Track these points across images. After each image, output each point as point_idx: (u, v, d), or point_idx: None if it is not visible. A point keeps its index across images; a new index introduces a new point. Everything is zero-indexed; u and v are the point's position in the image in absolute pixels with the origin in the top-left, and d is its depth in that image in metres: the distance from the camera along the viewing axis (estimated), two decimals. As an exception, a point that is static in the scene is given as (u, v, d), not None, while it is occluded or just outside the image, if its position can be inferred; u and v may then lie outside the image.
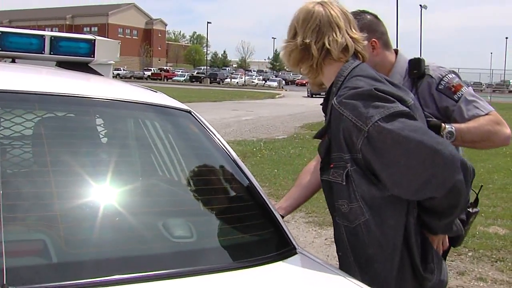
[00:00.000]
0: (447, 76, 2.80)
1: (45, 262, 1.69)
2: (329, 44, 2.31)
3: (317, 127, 3.68)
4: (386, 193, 2.15)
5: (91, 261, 1.72)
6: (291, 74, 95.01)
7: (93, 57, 3.16)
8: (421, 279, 2.25)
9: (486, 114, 2.74)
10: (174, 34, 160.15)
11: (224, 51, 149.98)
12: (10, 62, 3.13)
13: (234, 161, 2.31)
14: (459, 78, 2.87)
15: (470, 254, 6.36)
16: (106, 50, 3.29)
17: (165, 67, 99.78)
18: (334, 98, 2.23)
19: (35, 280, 1.56)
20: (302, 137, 17.53)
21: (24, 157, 2.18)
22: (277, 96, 50.74)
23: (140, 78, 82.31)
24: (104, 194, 2.00)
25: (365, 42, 2.43)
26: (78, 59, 3.13)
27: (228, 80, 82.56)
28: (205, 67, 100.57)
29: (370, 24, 2.83)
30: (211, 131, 2.41)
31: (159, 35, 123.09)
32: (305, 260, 2.06)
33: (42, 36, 3.03)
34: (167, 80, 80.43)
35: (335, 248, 2.39)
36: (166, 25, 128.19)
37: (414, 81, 2.84)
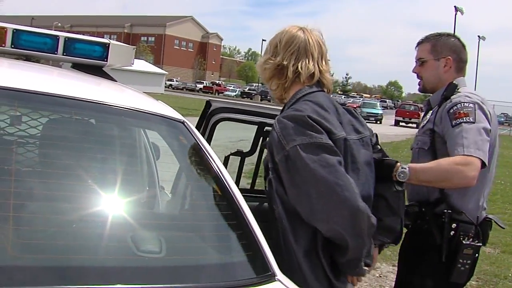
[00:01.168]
0: (462, 104, 2.91)
1: None
2: (301, 69, 2.58)
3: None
4: None
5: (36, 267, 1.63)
6: (343, 97, 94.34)
7: (106, 61, 3.11)
8: None
9: (464, 155, 2.76)
10: (229, 49, 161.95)
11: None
12: (24, 60, 3.12)
13: (221, 175, 2.21)
14: (479, 111, 2.90)
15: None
16: (120, 54, 3.25)
17: (217, 81, 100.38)
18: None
19: None
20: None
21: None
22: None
23: (192, 90, 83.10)
24: (73, 199, 1.92)
25: (328, 75, 2.67)
26: (90, 62, 3.09)
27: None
28: (257, 84, 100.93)
29: (452, 46, 3.20)
30: (201, 143, 2.32)
31: (214, 49, 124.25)
32: None
33: (56, 37, 3.00)
34: (218, 94, 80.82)
35: None
36: (221, 39, 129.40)
37: (442, 101, 3.06)
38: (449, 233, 2.88)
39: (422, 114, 3.76)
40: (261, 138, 3.77)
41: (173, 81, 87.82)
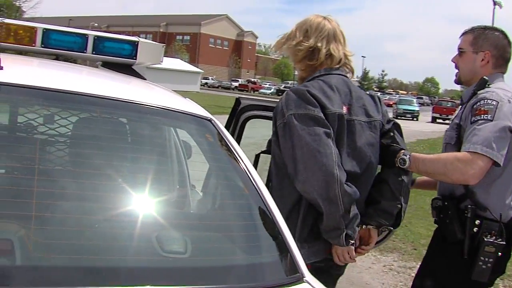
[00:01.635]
0: (486, 100, 2.86)
1: (7, 264, 1.60)
2: (333, 51, 2.92)
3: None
4: None
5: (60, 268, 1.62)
6: (379, 94, 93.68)
7: (135, 59, 3.10)
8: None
9: (467, 151, 2.74)
10: (264, 47, 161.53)
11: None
12: (54, 59, 3.13)
13: (248, 174, 2.17)
14: (503, 109, 2.82)
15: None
16: (149, 53, 3.24)
17: (252, 79, 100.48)
18: None
19: None
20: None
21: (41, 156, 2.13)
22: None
23: (227, 88, 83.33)
24: (99, 199, 1.90)
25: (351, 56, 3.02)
26: (119, 60, 3.08)
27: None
28: (293, 81, 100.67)
29: (495, 41, 3.11)
30: (229, 141, 2.28)
31: (249, 47, 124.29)
32: None
33: (86, 36, 3.01)
34: (253, 92, 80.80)
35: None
36: (257, 37, 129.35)
37: (471, 96, 3.02)
38: (472, 229, 2.83)
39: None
40: None
41: (209, 79, 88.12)
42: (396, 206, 2.82)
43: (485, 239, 2.78)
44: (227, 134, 2.34)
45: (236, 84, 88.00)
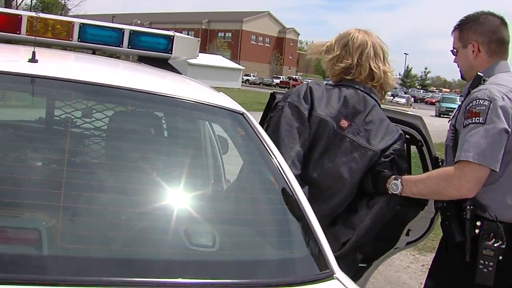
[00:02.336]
0: (477, 100, 2.66)
1: (35, 254, 1.61)
2: (375, 68, 2.92)
3: (438, 148, 3.59)
4: None
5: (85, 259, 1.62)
6: (421, 92, 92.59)
7: (171, 53, 3.11)
8: None
9: (457, 162, 2.60)
10: (306, 44, 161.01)
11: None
12: (91, 53, 3.17)
13: (280, 169, 2.14)
14: (495, 110, 2.60)
15: None
16: (185, 47, 3.24)
17: (294, 76, 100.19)
18: None
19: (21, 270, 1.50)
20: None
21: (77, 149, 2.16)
22: (404, 113, 49.41)
23: (269, 85, 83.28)
24: (130, 192, 1.91)
25: (391, 75, 3.00)
26: (155, 55, 3.10)
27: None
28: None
29: (480, 27, 2.89)
30: (261, 135, 2.26)
31: (291, 44, 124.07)
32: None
33: (121, 30, 3.02)
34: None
35: None
36: (298, 34, 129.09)
37: (467, 95, 2.82)
38: (474, 231, 2.66)
39: None
40: None
41: (250, 76, 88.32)
42: (345, 234, 2.76)
43: (482, 243, 2.61)
44: (259, 128, 2.32)
45: (278, 81, 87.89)
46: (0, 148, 1.97)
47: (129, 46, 3.02)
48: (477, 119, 2.61)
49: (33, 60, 2.13)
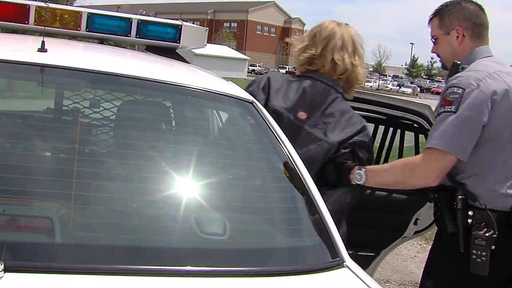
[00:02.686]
0: (452, 88, 2.62)
1: (47, 242, 1.62)
2: (338, 60, 2.87)
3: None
4: None
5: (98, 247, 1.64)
6: (427, 82, 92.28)
7: (179, 42, 3.11)
8: None
9: (427, 149, 2.60)
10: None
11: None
12: (99, 43, 3.17)
13: (290, 157, 2.14)
14: (468, 98, 2.55)
15: None
16: (193, 36, 3.24)
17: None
18: None
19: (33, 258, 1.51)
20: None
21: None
22: (410, 103, 49.35)
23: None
24: (139, 180, 1.92)
25: (361, 69, 2.93)
26: (163, 44, 3.09)
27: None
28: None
29: (462, 12, 2.83)
30: (270, 123, 2.27)
31: (297, 34, 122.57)
32: (350, 276, 1.82)
33: (129, 19, 3.02)
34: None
35: None
36: (304, 24, 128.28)
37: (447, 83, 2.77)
38: (466, 221, 2.60)
39: None
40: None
41: (256, 66, 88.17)
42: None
43: (474, 232, 2.56)
44: (268, 117, 2.32)
45: (283, 71, 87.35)
46: (12, 137, 1.98)
47: (137, 36, 3.02)
48: (449, 108, 2.58)
49: (42, 49, 2.13)
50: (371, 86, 78.51)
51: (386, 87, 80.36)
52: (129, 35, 3.01)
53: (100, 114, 2.34)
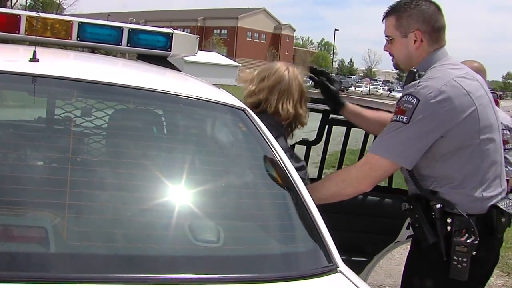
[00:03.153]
0: (407, 96, 2.53)
1: (42, 251, 1.63)
2: (282, 109, 2.87)
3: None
4: None
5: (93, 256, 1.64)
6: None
7: (170, 51, 3.12)
8: None
9: (368, 154, 2.63)
10: (302, 39, 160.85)
11: (351, 59, 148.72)
12: (90, 52, 3.18)
13: (282, 163, 2.15)
14: (418, 111, 2.48)
15: None
16: (184, 44, 3.25)
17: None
18: None
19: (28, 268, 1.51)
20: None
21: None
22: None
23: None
24: (132, 188, 1.92)
25: (304, 119, 2.95)
26: (154, 53, 3.10)
27: (352, 88, 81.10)
28: (331, 74, 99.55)
29: (422, 14, 2.70)
30: (262, 131, 2.28)
31: (287, 40, 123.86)
32: (343, 281, 1.82)
33: (120, 28, 3.03)
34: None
35: None
36: (294, 30, 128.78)
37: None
38: (446, 229, 2.55)
39: (500, 101, 3.44)
40: (326, 126, 3.70)
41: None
42: None
43: (454, 239, 2.52)
44: (260, 124, 2.33)
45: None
46: (6, 148, 1.98)
47: (128, 44, 3.03)
48: (401, 117, 2.51)
49: (34, 59, 2.14)
50: (362, 91, 78.85)
51: (377, 92, 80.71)
52: (120, 43, 3.02)
53: (93, 123, 2.34)
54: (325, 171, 4.26)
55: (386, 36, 2.82)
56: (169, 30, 3.15)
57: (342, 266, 1.89)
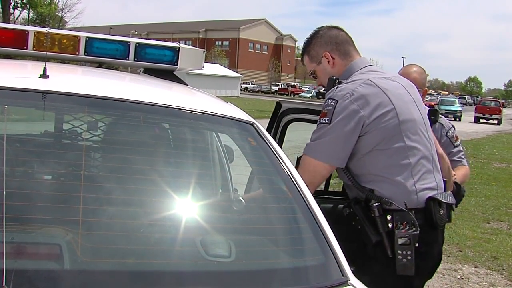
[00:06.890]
0: (328, 100, 2.75)
1: (56, 268, 1.63)
2: None
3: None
4: None
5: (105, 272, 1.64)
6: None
7: (176, 64, 3.13)
8: None
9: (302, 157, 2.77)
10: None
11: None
12: (97, 67, 3.19)
13: (291, 177, 2.16)
14: (340, 109, 2.69)
15: None
16: (190, 58, 3.26)
17: (292, 83, 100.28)
18: None
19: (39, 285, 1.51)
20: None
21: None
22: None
23: (268, 92, 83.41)
24: (143, 203, 1.93)
25: None
26: (161, 67, 3.12)
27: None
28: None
29: (322, 39, 3.06)
30: (271, 144, 2.29)
31: (289, 50, 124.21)
32: None
33: (127, 43, 3.04)
34: (293, 95, 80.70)
35: None
36: (296, 41, 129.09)
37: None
38: (387, 226, 2.64)
39: (503, 110, 3.71)
40: None
41: (249, 84, 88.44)
42: None
43: (396, 231, 2.61)
44: (269, 138, 2.34)
45: (276, 88, 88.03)
46: (20, 165, 1.99)
47: (135, 59, 3.04)
48: (324, 120, 2.71)
49: (44, 76, 2.15)
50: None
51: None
52: (127, 58, 3.03)
53: (105, 138, 2.35)
54: (332, 181, 4.25)
55: (311, 74, 3.17)
56: (175, 44, 3.16)
57: (352, 279, 1.90)
